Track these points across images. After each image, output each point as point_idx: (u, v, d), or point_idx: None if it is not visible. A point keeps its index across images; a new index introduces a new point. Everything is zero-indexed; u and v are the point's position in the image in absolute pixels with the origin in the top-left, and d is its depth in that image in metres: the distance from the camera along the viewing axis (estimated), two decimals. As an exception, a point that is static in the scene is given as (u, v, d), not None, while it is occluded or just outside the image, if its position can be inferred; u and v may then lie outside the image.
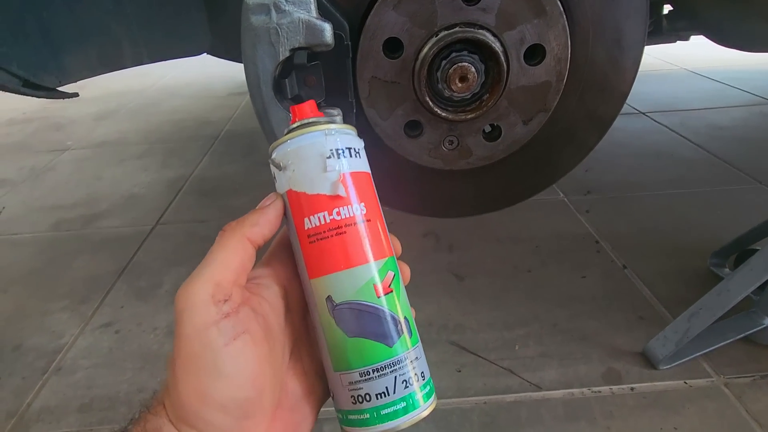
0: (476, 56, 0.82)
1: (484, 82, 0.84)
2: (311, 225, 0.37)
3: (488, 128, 0.91)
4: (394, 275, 0.39)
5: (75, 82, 0.96)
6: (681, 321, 1.00)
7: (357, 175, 0.39)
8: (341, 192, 0.37)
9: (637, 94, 2.31)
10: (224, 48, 1.34)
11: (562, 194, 1.69)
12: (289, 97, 0.78)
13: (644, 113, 2.37)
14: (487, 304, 1.21)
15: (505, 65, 0.82)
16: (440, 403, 0.40)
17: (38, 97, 0.92)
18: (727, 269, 1.24)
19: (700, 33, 1.49)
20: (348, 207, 0.37)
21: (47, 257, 1.51)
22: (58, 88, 0.93)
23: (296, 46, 0.73)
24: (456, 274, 1.33)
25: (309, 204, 0.37)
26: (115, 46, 0.97)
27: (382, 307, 0.37)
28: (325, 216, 0.37)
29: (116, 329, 1.20)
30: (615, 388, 0.97)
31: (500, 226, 1.52)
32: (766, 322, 1.00)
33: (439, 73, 0.81)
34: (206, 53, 1.32)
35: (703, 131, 2.12)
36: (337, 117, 0.80)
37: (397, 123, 0.88)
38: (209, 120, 2.64)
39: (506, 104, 0.86)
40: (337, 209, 0.37)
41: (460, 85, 0.81)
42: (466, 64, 0.80)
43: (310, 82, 0.79)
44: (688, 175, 1.77)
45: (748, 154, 1.90)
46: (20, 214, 1.78)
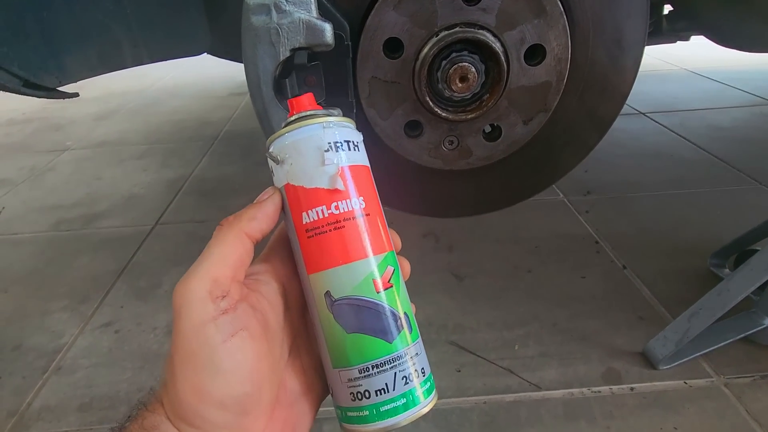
0: (476, 56, 0.82)
1: (485, 82, 0.84)
2: (309, 219, 0.37)
3: (488, 128, 0.91)
4: (394, 270, 0.38)
5: (75, 82, 0.96)
6: (681, 321, 1.00)
7: (356, 169, 0.38)
8: (339, 186, 0.37)
9: (637, 94, 2.31)
10: (224, 48, 1.34)
11: (561, 194, 1.69)
12: (290, 96, 0.78)
13: (644, 113, 2.37)
14: (487, 304, 1.21)
15: (505, 65, 0.82)
16: (440, 403, 0.39)
17: (38, 97, 0.92)
18: (727, 269, 1.24)
19: (700, 33, 1.49)
20: (347, 201, 0.37)
21: (47, 257, 1.51)
22: (58, 88, 0.93)
23: (296, 46, 0.73)
24: (456, 274, 1.33)
25: (307, 198, 0.37)
26: (115, 46, 0.97)
27: (381, 303, 0.37)
28: (323, 210, 0.36)
29: (116, 329, 1.20)
30: (615, 388, 0.97)
31: (500, 227, 1.52)
32: (766, 322, 1.00)
33: (439, 73, 0.82)
34: (206, 53, 1.32)
35: (703, 132, 2.12)
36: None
37: (397, 123, 0.88)
38: (209, 120, 2.64)
39: (506, 104, 0.87)
40: (335, 203, 0.37)
41: (460, 85, 0.81)
42: (466, 64, 0.80)
43: (310, 82, 0.79)
44: (688, 175, 1.77)
45: (748, 154, 1.89)
46: (20, 214, 1.78)
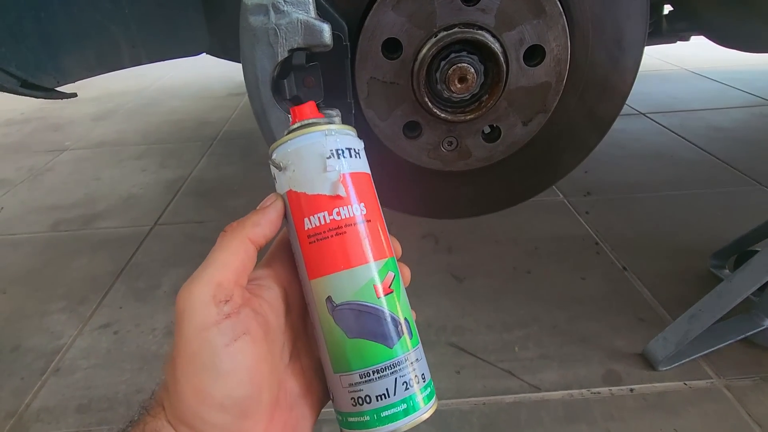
0: (475, 57, 0.81)
1: (484, 82, 0.84)
2: (311, 225, 0.37)
3: (487, 129, 0.91)
4: (395, 276, 0.39)
5: (73, 82, 0.96)
6: (681, 322, 1.00)
7: (357, 176, 0.39)
8: (341, 192, 0.37)
9: (637, 94, 2.31)
10: (223, 48, 1.34)
11: (561, 195, 1.69)
12: (288, 97, 0.77)
13: (644, 114, 2.37)
14: (487, 305, 1.21)
15: (504, 66, 0.82)
16: (439, 405, 0.39)
17: (36, 97, 0.91)
18: (727, 270, 1.24)
19: (700, 33, 1.49)
20: (348, 207, 0.37)
21: (46, 258, 1.51)
22: (56, 89, 0.93)
23: (295, 46, 0.73)
24: (455, 276, 1.32)
25: (309, 204, 0.37)
26: (113, 46, 0.97)
27: (382, 308, 0.37)
28: (325, 216, 0.37)
29: (115, 330, 1.19)
30: (615, 389, 0.97)
31: (500, 228, 1.51)
32: (767, 323, 1.00)
33: (438, 74, 0.81)
34: (205, 53, 1.31)
35: (703, 132, 2.12)
36: (335, 117, 0.80)
37: (396, 124, 0.88)
38: (208, 120, 2.63)
39: (506, 105, 0.86)
40: (337, 209, 0.37)
41: (459, 85, 0.81)
42: (465, 64, 0.80)
43: (308, 83, 0.78)
44: (688, 176, 1.77)
45: (748, 155, 1.89)
46: (19, 215, 1.78)
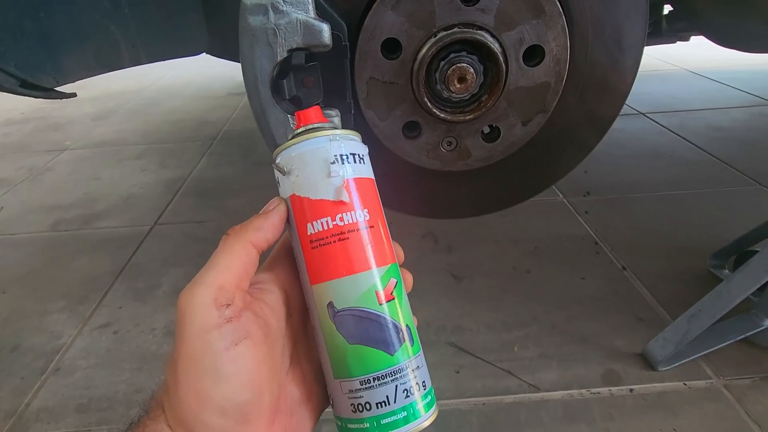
0: (475, 57, 0.81)
1: (483, 83, 0.84)
2: (314, 230, 0.37)
3: (487, 129, 0.90)
4: (397, 282, 0.38)
5: (73, 82, 0.96)
6: (680, 322, 1.00)
7: (361, 181, 0.38)
8: (345, 198, 0.37)
9: (637, 94, 2.31)
10: (222, 48, 1.34)
11: (561, 195, 1.69)
12: (287, 98, 0.77)
13: (644, 114, 2.37)
14: (486, 305, 1.21)
15: (504, 66, 0.82)
16: (439, 405, 0.39)
17: (36, 97, 0.91)
18: (727, 271, 1.24)
19: (700, 33, 1.48)
20: (351, 213, 0.37)
21: (45, 257, 1.51)
22: (55, 89, 0.93)
23: (294, 46, 0.72)
24: (455, 275, 1.32)
25: (312, 209, 0.37)
26: (113, 46, 0.97)
27: (383, 315, 0.37)
28: (328, 221, 0.37)
29: (114, 330, 1.19)
30: (614, 389, 0.97)
31: (499, 227, 1.51)
32: (766, 323, 1.00)
33: (437, 74, 0.81)
34: (205, 53, 1.31)
35: (702, 132, 2.12)
36: (335, 118, 0.80)
37: (396, 124, 0.88)
38: (208, 120, 2.63)
39: (505, 105, 0.86)
40: (340, 215, 0.37)
41: (458, 85, 0.81)
42: (464, 64, 0.80)
43: (308, 83, 0.78)
44: (688, 176, 1.77)
45: (747, 155, 1.89)
46: (18, 214, 1.78)
